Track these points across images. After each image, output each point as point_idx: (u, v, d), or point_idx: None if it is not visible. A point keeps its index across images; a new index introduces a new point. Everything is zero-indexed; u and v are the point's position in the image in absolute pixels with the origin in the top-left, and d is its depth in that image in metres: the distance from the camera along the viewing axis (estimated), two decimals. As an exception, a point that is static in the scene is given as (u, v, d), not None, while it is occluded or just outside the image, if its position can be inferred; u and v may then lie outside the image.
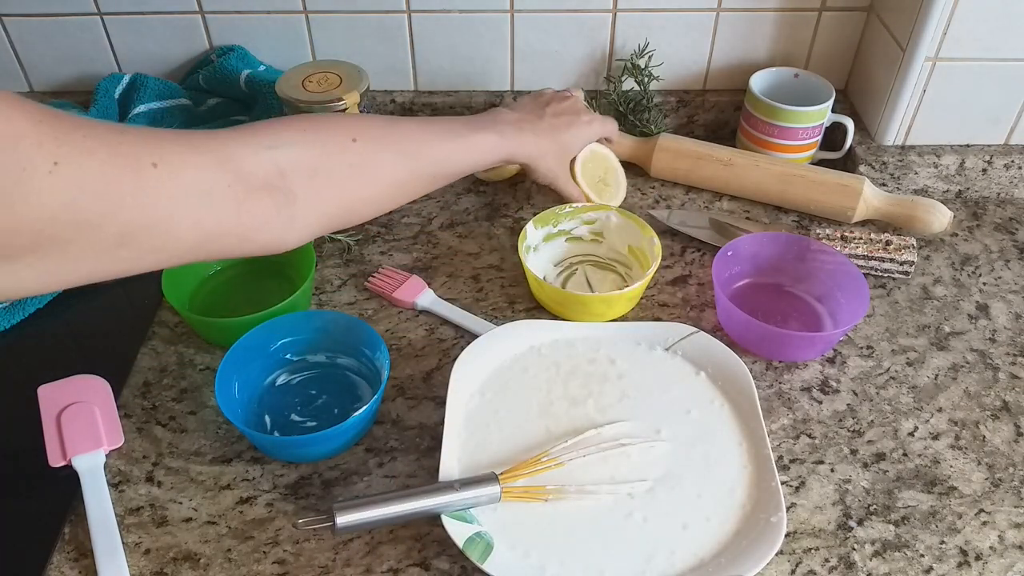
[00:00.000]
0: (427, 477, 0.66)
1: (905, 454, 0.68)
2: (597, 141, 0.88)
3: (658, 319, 0.79)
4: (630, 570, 0.58)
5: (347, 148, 0.58)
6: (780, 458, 0.68)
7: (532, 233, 0.82)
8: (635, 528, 0.60)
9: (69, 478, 0.65)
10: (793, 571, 0.60)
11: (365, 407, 0.65)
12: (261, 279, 0.82)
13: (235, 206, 0.51)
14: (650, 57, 0.97)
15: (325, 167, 0.57)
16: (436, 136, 0.67)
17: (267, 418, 0.69)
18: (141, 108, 0.93)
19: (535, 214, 0.83)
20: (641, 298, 0.81)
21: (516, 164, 0.78)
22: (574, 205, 0.84)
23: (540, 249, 0.84)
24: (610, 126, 0.88)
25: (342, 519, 0.56)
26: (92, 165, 0.43)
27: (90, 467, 0.65)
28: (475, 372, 0.70)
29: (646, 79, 0.98)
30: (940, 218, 0.86)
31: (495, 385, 0.70)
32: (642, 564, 0.58)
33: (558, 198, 0.93)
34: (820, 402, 0.72)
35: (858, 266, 0.80)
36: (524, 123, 0.77)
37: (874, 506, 0.64)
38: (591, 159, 0.89)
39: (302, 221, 0.56)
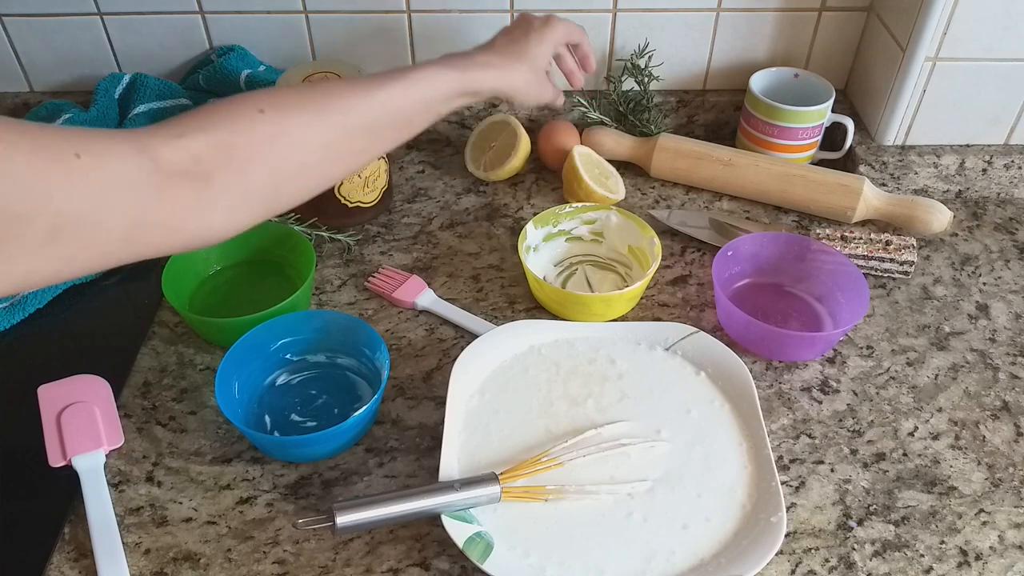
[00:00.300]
0: (427, 477, 0.66)
1: (905, 454, 0.68)
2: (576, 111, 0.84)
3: (658, 319, 0.79)
4: (630, 570, 0.58)
5: (256, 120, 0.56)
6: (780, 458, 0.68)
7: (532, 233, 0.82)
8: (635, 528, 0.60)
9: (69, 478, 0.65)
10: (793, 571, 0.60)
11: (365, 407, 0.65)
12: (261, 279, 0.82)
13: (157, 193, 0.50)
14: (650, 57, 0.97)
15: (239, 145, 0.55)
16: (364, 86, 0.61)
17: (267, 418, 0.69)
18: (141, 108, 0.93)
19: (535, 214, 0.83)
20: (641, 298, 0.81)
21: (487, 95, 0.69)
22: (574, 205, 0.84)
23: (540, 249, 0.84)
24: (573, 28, 0.77)
25: (342, 519, 0.56)
26: (18, 159, 0.43)
27: (90, 467, 0.65)
28: (475, 372, 0.70)
29: (646, 79, 0.98)
30: (940, 218, 0.86)
31: (495, 385, 0.70)
32: (642, 564, 0.58)
33: (558, 198, 0.93)
34: (820, 402, 0.72)
35: (858, 266, 0.80)
36: (474, 52, 0.70)
37: (874, 506, 0.64)
38: (587, 158, 0.89)
39: (225, 203, 0.55)
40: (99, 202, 0.47)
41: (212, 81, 0.97)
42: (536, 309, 0.80)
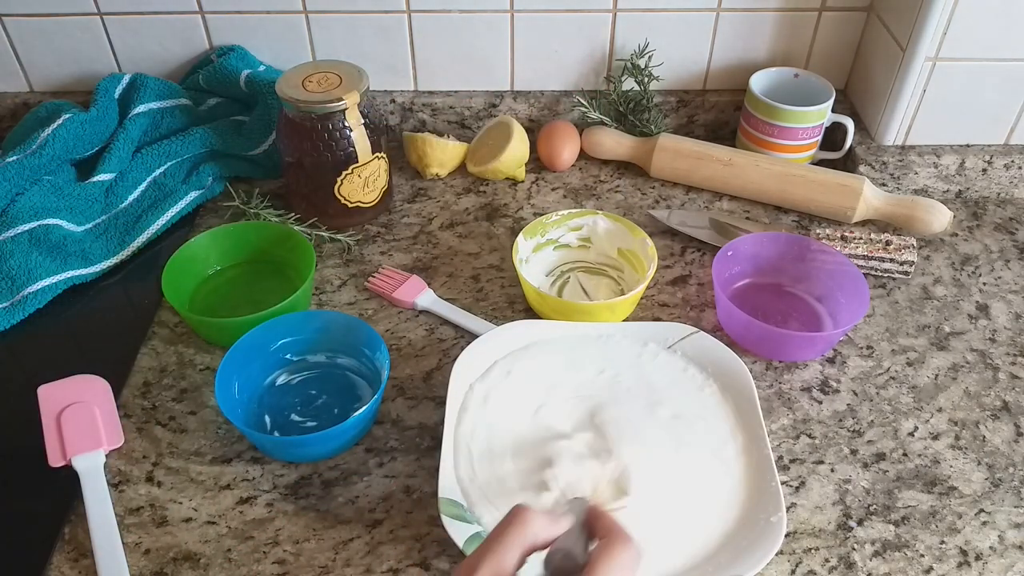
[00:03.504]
0: (427, 477, 0.66)
1: (905, 454, 0.68)
2: None
3: (658, 319, 0.79)
4: (630, 570, 0.58)
5: None
6: (780, 458, 0.68)
7: (523, 245, 0.81)
8: (634, 528, 0.60)
9: (69, 478, 0.65)
10: (793, 571, 0.60)
11: (365, 407, 0.65)
12: (261, 279, 0.82)
13: None
14: (650, 57, 0.97)
15: None
16: None
17: (267, 418, 0.69)
18: (141, 108, 0.93)
19: (535, 214, 0.83)
20: (641, 298, 0.81)
21: None
22: (560, 213, 0.83)
23: (531, 261, 0.83)
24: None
25: None
26: None
27: (90, 467, 0.65)
28: (475, 372, 0.69)
29: (646, 79, 0.98)
30: (940, 218, 0.86)
31: (495, 384, 0.69)
32: (641, 564, 0.58)
33: (558, 198, 0.93)
34: (820, 402, 0.72)
35: (858, 266, 0.80)
36: None
37: (874, 506, 0.64)
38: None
39: None
40: None
41: (212, 81, 0.97)
42: (536, 309, 0.80)
